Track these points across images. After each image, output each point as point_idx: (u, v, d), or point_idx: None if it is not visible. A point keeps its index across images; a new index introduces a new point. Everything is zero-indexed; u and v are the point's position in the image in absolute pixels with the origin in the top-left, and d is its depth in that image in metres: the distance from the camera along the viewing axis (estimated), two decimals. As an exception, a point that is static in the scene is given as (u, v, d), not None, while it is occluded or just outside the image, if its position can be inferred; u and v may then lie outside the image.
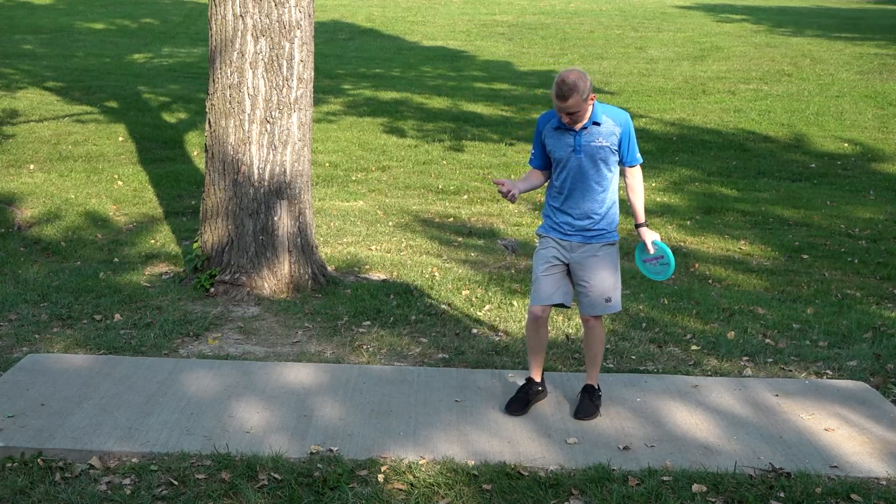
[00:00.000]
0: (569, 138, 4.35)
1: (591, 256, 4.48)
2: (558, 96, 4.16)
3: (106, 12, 26.10)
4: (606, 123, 4.34)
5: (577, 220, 4.45)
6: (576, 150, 4.34)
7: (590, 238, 4.48)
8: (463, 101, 15.66)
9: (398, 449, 4.23)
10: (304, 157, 6.60)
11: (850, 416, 4.71)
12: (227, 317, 6.11)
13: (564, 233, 4.47)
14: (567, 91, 4.13)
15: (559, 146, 4.38)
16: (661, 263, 4.56)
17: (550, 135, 4.40)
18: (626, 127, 4.38)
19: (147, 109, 13.74)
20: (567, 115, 4.23)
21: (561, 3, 30.90)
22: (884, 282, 7.63)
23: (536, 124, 4.50)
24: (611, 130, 4.35)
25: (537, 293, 4.49)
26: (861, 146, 13.21)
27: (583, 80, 4.15)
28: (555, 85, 4.17)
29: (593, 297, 4.49)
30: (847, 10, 31.68)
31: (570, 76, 4.14)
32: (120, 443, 4.21)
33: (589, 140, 4.33)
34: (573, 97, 4.14)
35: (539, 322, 4.55)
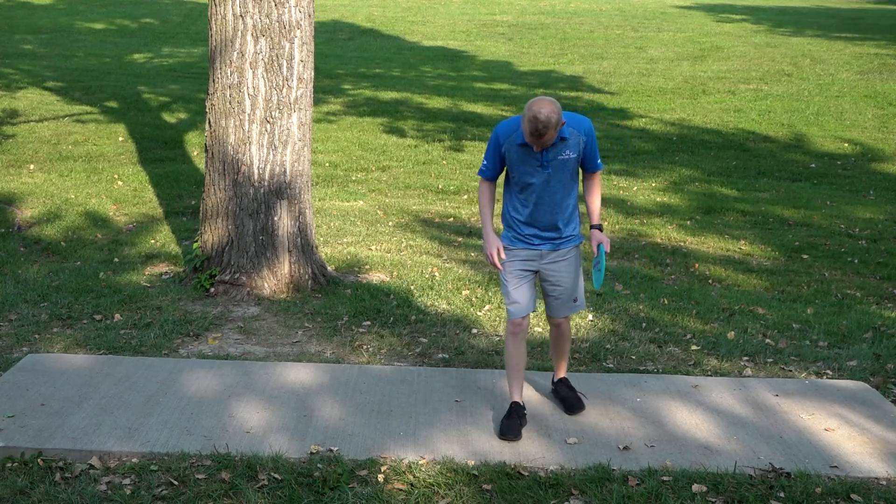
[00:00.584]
0: (535, 154, 4.21)
1: (560, 262, 4.42)
2: (533, 134, 4.00)
3: (106, 12, 26.11)
4: (572, 136, 4.22)
5: (545, 231, 4.35)
6: (543, 165, 4.22)
7: (559, 245, 4.41)
8: (463, 101, 15.67)
9: (398, 449, 4.24)
10: (304, 157, 6.60)
11: (850, 416, 4.71)
12: (227, 317, 6.11)
13: (532, 244, 4.38)
14: (543, 128, 3.97)
15: (524, 161, 4.24)
16: (595, 269, 4.49)
17: (514, 149, 4.24)
18: (590, 135, 4.28)
19: (147, 109, 13.74)
20: (539, 146, 4.11)
21: (561, 3, 30.90)
22: (884, 282, 7.63)
23: (495, 135, 4.29)
24: (576, 142, 4.24)
25: (514, 306, 4.39)
26: (861, 146, 13.21)
27: (555, 113, 3.96)
28: (527, 121, 3.98)
29: (564, 299, 4.48)
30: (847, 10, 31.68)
31: (542, 110, 3.95)
32: (120, 443, 4.21)
33: (556, 155, 4.21)
34: (549, 133, 4.01)
35: (521, 335, 4.44)
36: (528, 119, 4.00)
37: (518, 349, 4.46)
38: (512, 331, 4.44)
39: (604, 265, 4.42)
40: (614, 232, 8.87)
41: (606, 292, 6.81)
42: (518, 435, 4.36)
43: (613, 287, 7.02)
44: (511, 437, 4.34)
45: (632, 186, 10.77)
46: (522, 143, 4.20)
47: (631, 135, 13.61)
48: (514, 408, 4.46)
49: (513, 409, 4.45)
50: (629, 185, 10.86)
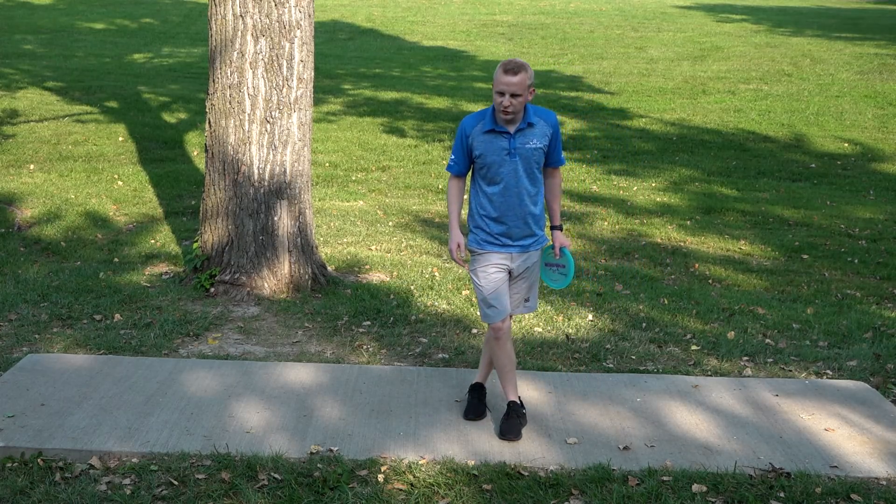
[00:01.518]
0: (502, 141, 4.18)
1: (530, 264, 4.38)
2: (506, 71, 4.03)
3: (106, 12, 26.11)
4: (539, 124, 4.22)
5: (515, 228, 4.27)
6: (510, 153, 4.19)
7: (527, 247, 4.35)
8: (463, 101, 15.66)
9: (398, 449, 4.24)
10: (304, 157, 6.60)
11: (850, 416, 4.71)
12: (227, 317, 6.11)
13: (503, 245, 4.30)
14: (516, 67, 4.03)
15: (491, 150, 4.20)
16: (559, 273, 4.43)
17: (480, 139, 4.21)
18: (556, 128, 4.28)
19: (147, 109, 13.74)
20: (510, 96, 4.06)
21: (561, 3, 30.91)
22: (884, 282, 7.63)
23: (461, 128, 4.27)
24: (543, 132, 4.23)
25: (493, 311, 4.30)
26: (861, 146, 13.21)
27: (529, 68, 4.08)
28: (501, 64, 4.07)
29: (519, 300, 4.44)
30: (847, 10, 31.69)
31: (518, 59, 4.09)
32: (120, 443, 4.21)
33: (524, 142, 4.20)
34: (521, 74, 4.03)
35: (504, 337, 4.38)
36: (501, 64, 4.09)
37: (504, 352, 4.41)
38: (495, 336, 4.38)
39: (572, 266, 4.38)
40: (614, 232, 8.87)
41: (606, 292, 6.81)
42: (518, 435, 4.35)
43: (613, 287, 7.02)
44: (511, 438, 4.33)
45: (632, 186, 10.77)
46: (489, 130, 4.20)
47: (631, 135, 13.61)
48: (511, 407, 4.45)
49: (511, 409, 4.44)
50: (629, 185, 10.86)
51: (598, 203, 9.96)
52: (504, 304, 4.33)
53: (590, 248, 8.31)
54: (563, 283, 4.44)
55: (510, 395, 4.48)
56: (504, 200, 4.25)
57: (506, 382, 4.49)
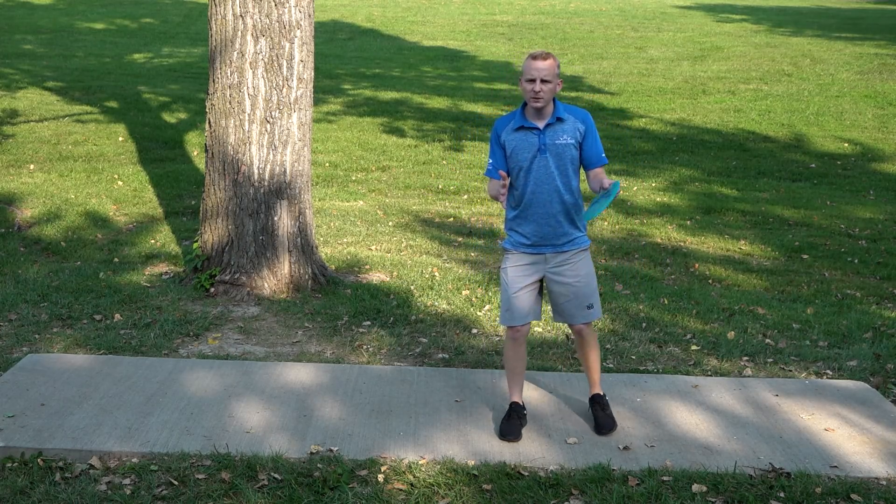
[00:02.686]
0: (532, 137, 4.18)
1: (566, 265, 4.30)
2: (534, 57, 4.10)
3: (106, 12, 26.11)
4: (569, 119, 4.22)
5: (547, 227, 4.22)
6: (541, 149, 4.16)
7: (562, 246, 4.29)
8: (463, 101, 15.66)
9: (398, 449, 4.24)
10: (304, 157, 6.60)
11: (850, 416, 4.71)
12: (227, 317, 6.11)
13: (534, 244, 4.26)
14: (544, 53, 4.12)
15: (523, 147, 4.19)
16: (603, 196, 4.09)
17: (512, 136, 4.22)
18: (588, 123, 4.26)
19: (147, 109, 13.74)
20: (540, 81, 4.07)
21: (561, 3, 30.91)
22: (884, 282, 7.63)
23: (494, 130, 4.28)
24: (574, 127, 4.22)
25: (511, 314, 4.30)
26: (861, 146, 13.21)
27: (554, 57, 4.14)
28: (529, 55, 4.15)
29: (576, 306, 4.34)
30: (847, 10, 31.69)
31: (541, 51, 4.19)
32: (120, 443, 4.21)
33: (553, 138, 4.18)
34: (549, 60, 4.10)
35: (519, 341, 4.38)
36: (529, 54, 4.15)
37: (517, 354, 4.42)
38: (511, 336, 4.39)
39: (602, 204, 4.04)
40: (614, 232, 8.87)
41: (606, 292, 6.80)
42: (518, 436, 4.35)
43: (613, 287, 7.02)
44: (511, 438, 4.33)
45: (632, 186, 10.77)
46: (519, 127, 4.20)
47: (631, 135, 13.61)
48: (513, 408, 4.44)
49: (512, 410, 4.43)
50: (629, 185, 10.86)
51: (598, 203, 9.94)
52: (522, 310, 4.30)
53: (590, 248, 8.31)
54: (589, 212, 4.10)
55: (514, 397, 4.48)
56: (535, 198, 4.21)
57: (513, 385, 4.49)
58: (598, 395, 4.59)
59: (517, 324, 4.34)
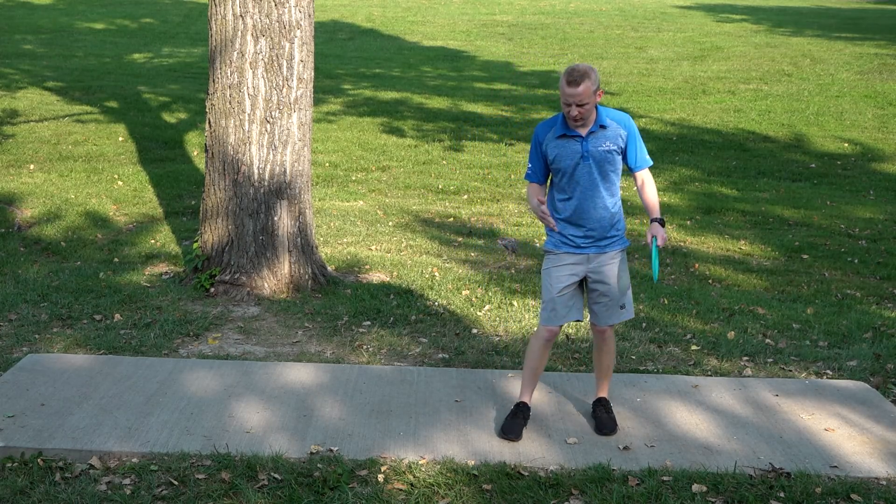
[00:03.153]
0: (575, 145, 4.17)
1: (606, 265, 4.31)
2: (569, 82, 4.00)
3: (106, 12, 26.11)
4: (612, 126, 4.21)
5: (590, 230, 4.26)
6: (584, 156, 4.17)
7: (604, 247, 4.30)
8: (463, 101, 15.66)
9: (398, 449, 4.24)
10: (304, 157, 6.60)
11: (850, 416, 4.71)
12: (227, 317, 6.11)
13: (578, 246, 4.28)
14: (578, 76, 3.99)
15: (565, 154, 4.19)
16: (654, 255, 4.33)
17: (553, 143, 4.20)
18: (632, 129, 4.25)
19: (147, 109, 13.74)
20: (576, 106, 4.03)
21: (561, 3, 30.91)
22: (884, 282, 7.63)
23: (535, 136, 4.29)
24: (616, 133, 4.21)
25: (554, 314, 4.30)
26: (861, 146, 13.21)
27: (593, 71, 4.02)
28: (564, 74, 4.02)
29: (611, 306, 4.36)
30: (847, 10, 31.69)
31: (580, 65, 4.04)
32: (120, 443, 4.21)
33: (596, 145, 4.18)
34: (584, 83, 3.99)
35: (550, 342, 4.39)
36: (565, 72, 4.05)
37: (543, 355, 4.41)
38: (545, 336, 4.36)
39: (655, 258, 4.26)
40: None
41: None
42: (519, 435, 4.34)
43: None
44: (512, 437, 4.33)
45: (632, 186, 10.77)
46: (562, 135, 4.18)
47: (631, 135, 13.60)
48: (520, 407, 4.44)
49: (518, 409, 4.43)
50: (629, 184, 10.85)
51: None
52: (562, 311, 4.31)
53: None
54: (653, 273, 4.30)
55: (523, 397, 4.49)
56: (580, 204, 4.23)
57: (526, 385, 4.49)
58: (604, 398, 4.60)
59: (558, 324, 4.34)
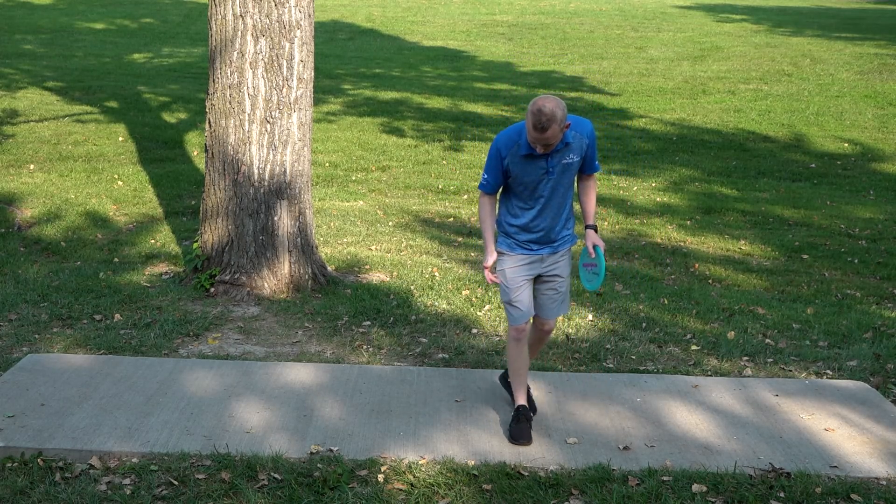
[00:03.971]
0: (540, 161, 4.14)
1: (560, 262, 4.40)
2: (536, 128, 3.92)
3: (106, 12, 26.11)
4: (575, 139, 4.18)
5: (545, 234, 4.30)
6: (549, 172, 4.17)
7: (557, 247, 4.37)
8: (463, 101, 15.66)
9: (398, 449, 4.24)
10: (304, 157, 6.60)
11: (850, 416, 4.71)
12: (227, 317, 6.11)
13: (533, 250, 4.33)
14: (546, 122, 3.89)
15: (529, 171, 4.16)
16: (592, 272, 4.42)
17: (517, 162, 4.15)
18: (592, 137, 4.24)
19: (147, 109, 13.74)
20: (543, 146, 4.02)
21: (561, 3, 30.91)
22: (884, 282, 7.63)
23: (496, 149, 4.17)
24: (580, 145, 4.20)
25: (520, 312, 4.33)
26: (861, 146, 13.21)
27: (560, 108, 3.91)
28: (531, 115, 3.92)
29: (557, 301, 4.44)
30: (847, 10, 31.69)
31: (547, 105, 3.89)
32: (120, 443, 4.21)
33: (561, 160, 4.17)
34: (552, 128, 3.91)
35: (523, 341, 4.40)
36: (531, 112, 3.93)
37: (522, 354, 4.43)
38: (516, 336, 4.40)
39: (603, 267, 4.36)
40: (614, 232, 8.87)
41: (606, 292, 6.81)
42: (530, 439, 4.33)
43: (613, 287, 7.02)
44: (524, 442, 4.32)
45: (632, 186, 10.77)
46: (527, 154, 4.12)
47: (631, 135, 13.61)
48: (521, 411, 4.42)
49: (521, 413, 4.41)
50: (629, 185, 10.86)
51: (598, 203, 9.96)
52: (528, 305, 4.35)
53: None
54: (595, 284, 4.40)
55: (520, 400, 4.47)
56: (539, 214, 4.26)
57: (518, 386, 4.48)
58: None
59: (524, 321, 4.36)
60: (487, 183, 4.27)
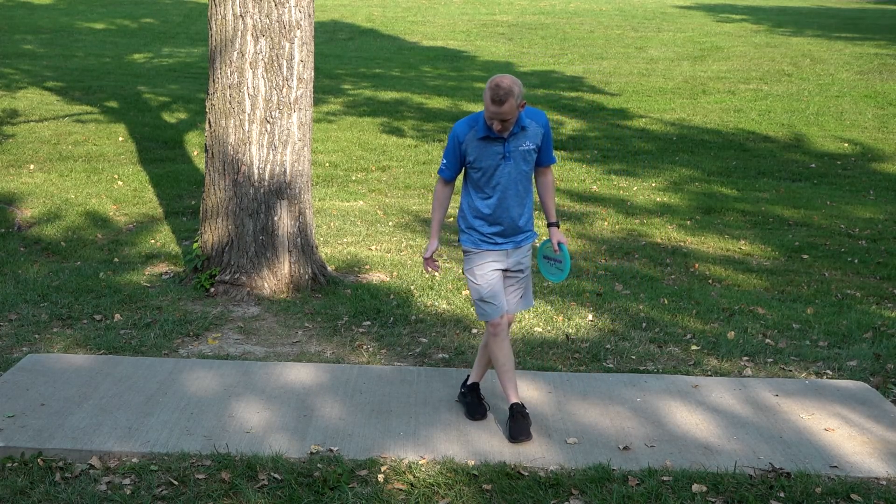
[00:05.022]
0: (497, 146, 4.19)
1: (524, 257, 4.43)
2: (494, 101, 3.99)
3: (106, 12, 26.11)
4: (531, 126, 4.24)
5: (509, 227, 4.32)
6: (506, 157, 4.21)
7: (520, 242, 4.40)
8: (463, 101, 15.66)
9: (398, 449, 4.24)
10: (304, 157, 6.60)
11: (850, 416, 4.71)
12: (227, 317, 6.11)
13: (497, 244, 4.34)
14: (503, 95, 3.97)
15: (486, 155, 4.20)
16: (556, 267, 4.49)
17: (475, 145, 4.20)
18: (547, 127, 4.31)
19: (147, 109, 13.74)
20: (500, 122, 4.07)
21: (561, 3, 30.91)
22: (884, 282, 7.63)
23: (454, 135, 4.24)
24: (535, 132, 4.26)
25: (493, 307, 4.34)
26: (861, 146, 13.21)
27: (517, 86, 4.01)
28: (489, 89, 4.01)
29: (521, 295, 4.49)
30: (847, 10, 31.69)
31: (504, 80, 4.00)
32: (120, 443, 4.21)
33: (517, 145, 4.21)
34: (509, 101, 3.98)
35: (503, 336, 4.40)
36: (489, 87, 4.02)
37: (504, 349, 4.43)
38: (494, 332, 4.39)
39: (569, 262, 4.42)
40: (614, 232, 8.87)
41: (606, 292, 6.81)
42: (529, 435, 4.34)
43: (613, 287, 7.02)
44: (524, 439, 4.32)
45: (632, 186, 10.77)
46: (483, 137, 4.19)
47: (631, 135, 13.61)
48: (517, 409, 4.43)
49: (516, 411, 4.42)
50: (629, 185, 10.86)
51: (598, 203, 9.96)
52: (501, 300, 4.37)
53: (590, 248, 8.31)
54: (560, 277, 4.48)
55: (512, 398, 4.47)
56: (500, 203, 4.28)
57: (507, 383, 4.48)
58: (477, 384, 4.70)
59: (498, 315, 4.37)
60: (445, 168, 4.33)
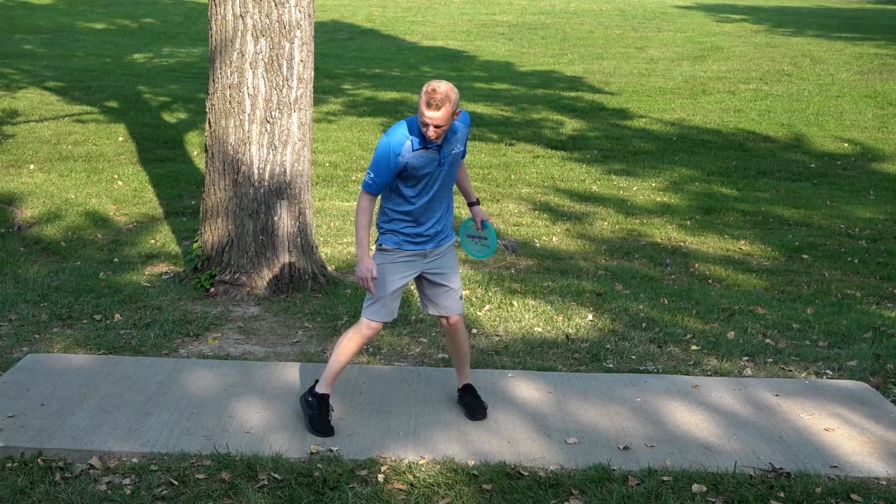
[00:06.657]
0: (433, 154, 4.13)
1: (445, 256, 4.40)
2: (429, 105, 3.90)
3: (106, 12, 26.12)
4: (461, 129, 4.22)
5: (430, 228, 4.29)
6: (441, 163, 4.16)
7: (441, 241, 4.37)
8: (463, 101, 15.67)
9: (398, 449, 4.24)
10: (304, 157, 6.60)
11: (850, 416, 4.72)
12: (227, 317, 6.11)
13: (419, 244, 4.30)
14: (440, 101, 3.90)
15: (424, 164, 4.12)
16: (482, 244, 4.54)
17: (411, 156, 4.08)
18: (469, 123, 4.32)
19: (147, 109, 13.74)
20: (434, 127, 3.96)
21: (561, 3, 30.91)
22: (884, 282, 7.63)
23: (390, 150, 4.06)
24: (463, 133, 4.25)
25: (386, 309, 4.32)
26: (861, 146, 13.21)
27: (454, 92, 3.95)
28: (424, 94, 3.91)
29: (451, 297, 4.44)
30: (847, 10, 31.70)
31: (441, 86, 3.91)
32: (120, 443, 4.21)
33: (450, 150, 4.19)
34: (445, 107, 3.91)
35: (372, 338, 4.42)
36: (425, 91, 3.93)
37: (353, 352, 4.41)
38: (369, 334, 4.36)
39: (494, 239, 4.45)
40: (614, 232, 8.87)
41: (606, 292, 6.80)
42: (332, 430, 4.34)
43: (613, 287, 7.02)
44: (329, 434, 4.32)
45: (632, 186, 10.77)
46: (421, 148, 4.09)
47: (631, 135, 13.61)
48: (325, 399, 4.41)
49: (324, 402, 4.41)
50: (629, 185, 10.86)
51: (598, 203, 9.96)
52: (393, 308, 4.36)
53: (590, 248, 8.31)
54: (486, 254, 4.53)
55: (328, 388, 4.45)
56: (429, 204, 4.25)
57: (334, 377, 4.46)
58: (469, 385, 4.69)
59: (387, 319, 4.37)
60: (374, 183, 4.13)
